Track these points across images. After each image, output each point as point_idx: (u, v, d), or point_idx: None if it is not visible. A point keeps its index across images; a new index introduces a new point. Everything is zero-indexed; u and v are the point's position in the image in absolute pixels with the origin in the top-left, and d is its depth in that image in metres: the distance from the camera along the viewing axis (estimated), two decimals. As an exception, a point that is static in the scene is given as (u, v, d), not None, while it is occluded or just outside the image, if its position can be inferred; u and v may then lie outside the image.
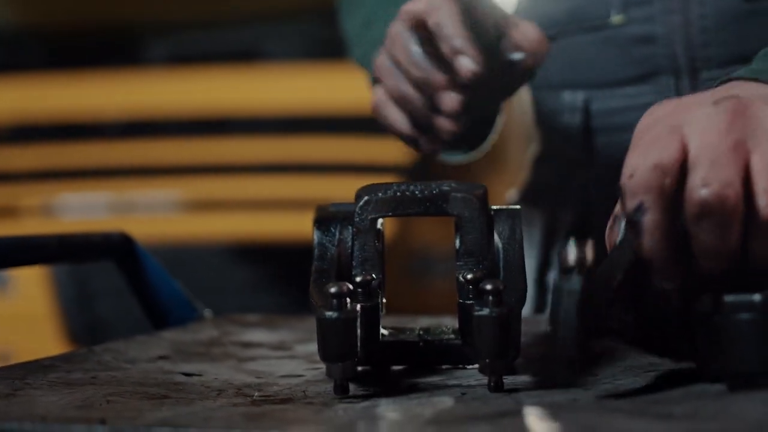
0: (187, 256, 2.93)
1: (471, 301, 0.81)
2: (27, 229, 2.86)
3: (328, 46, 3.12)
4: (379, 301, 0.84)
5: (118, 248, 1.11)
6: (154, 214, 3.05)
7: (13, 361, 0.90)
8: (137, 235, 1.14)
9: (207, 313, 1.14)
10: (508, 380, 0.79)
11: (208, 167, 3.04)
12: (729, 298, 0.70)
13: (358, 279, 0.82)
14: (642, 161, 0.73)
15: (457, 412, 0.70)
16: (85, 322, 3.04)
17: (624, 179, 0.74)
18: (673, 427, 0.61)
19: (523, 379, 0.81)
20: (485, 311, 0.75)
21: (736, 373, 0.70)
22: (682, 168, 0.72)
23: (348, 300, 0.75)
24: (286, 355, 0.96)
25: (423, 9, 0.96)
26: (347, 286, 0.75)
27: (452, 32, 0.93)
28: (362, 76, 1.32)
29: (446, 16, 0.94)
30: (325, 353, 0.76)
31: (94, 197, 3.10)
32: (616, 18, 1.09)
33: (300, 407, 0.74)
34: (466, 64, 0.91)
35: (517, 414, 0.68)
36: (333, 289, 0.75)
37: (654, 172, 0.72)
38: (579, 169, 1.17)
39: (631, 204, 0.73)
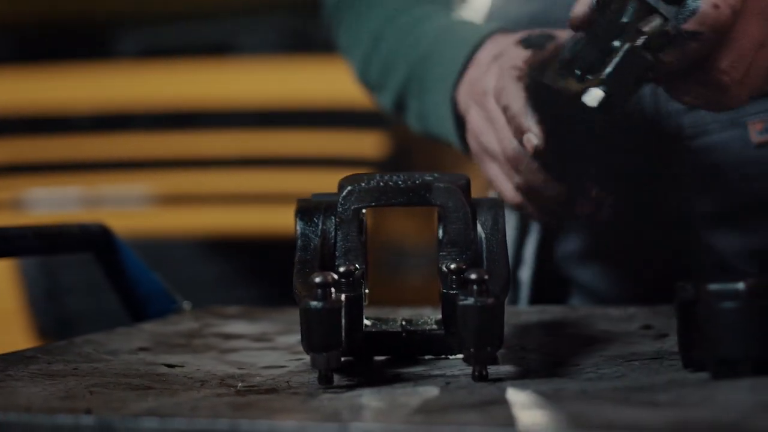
0: (159, 250, 2.92)
1: (454, 291, 0.81)
2: (-3, 223, 2.83)
3: (301, 39, 3.12)
4: (363, 291, 0.84)
5: (96, 240, 1.11)
6: (127, 208, 3.04)
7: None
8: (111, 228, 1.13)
9: (186, 305, 1.14)
10: (491, 370, 0.79)
11: (180, 161, 3.03)
12: (713, 286, 0.71)
13: (341, 269, 0.82)
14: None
15: (443, 401, 0.70)
16: (54, 317, 3.02)
17: (707, 6, 0.82)
18: (660, 414, 0.61)
19: (507, 369, 0.81)
20: (470, 301, 0.75)
21: (719, 360, 0.71)
22: None
23: (332, 290, 0.75)
24: (267, 346, 0.96)
25: (492, 92, 1.01)
26: (332, 276, 0.75)
27: (516, 112, 0.97)
28: (335, 69, 1.31)
29: (512, 96, 0.98)
30: (309, 343, 0.76)
31: (65, 191, 3.09)
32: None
33: (285, 397, 0.74)
34: (530, 139, 0.96)
35: (504, 403, 0.68)
36: (318, 279, 0.75)
37: (733, 16, 0.83)
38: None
39: (691, 27, 0.83)
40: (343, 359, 0.85)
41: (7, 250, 1.03)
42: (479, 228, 0.85)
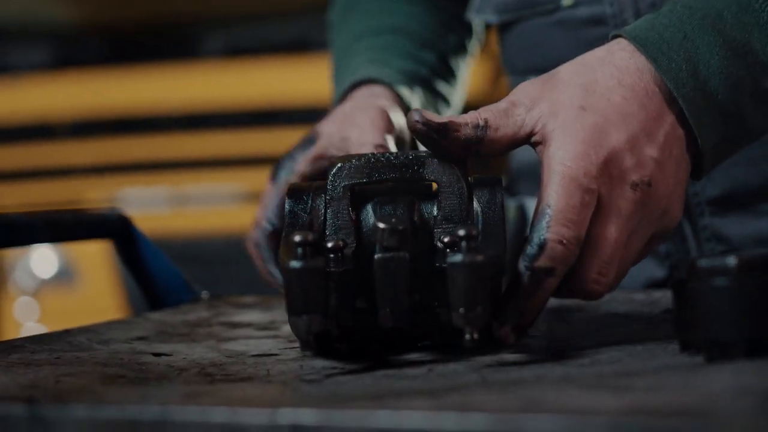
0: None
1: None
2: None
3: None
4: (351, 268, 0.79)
5: (114, 228, 1.08)
6: (213, 205, 3.04)
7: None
8: (196, 226, 1.10)
9: (204, 294, 1.11)
10: (489, 358, 0.74)
11: (266, 158, 3.02)
12: (702, 262, 0.65)
13: (329, 244, 0.77)
14: None
15: (408, 387, 0.65)
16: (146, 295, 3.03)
17: (553, 243, 0.77)
18: (623, 399, 0.56)
19: (500, 356, 0.76)
20: (458, 258, 0.70)
21: (711, 342, 0.65)
22: None
23: (314, 250, 0.71)
24: (269, 335, 0.92)
25: None
26: (312, 236, 0.71)
27: None
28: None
29: None
30: (289, 306, 0.71)
31: (155, 191, 3.10)
32: (566, 0, 1.05)
33: (254, 386, 0.70)
34: None
35: (466, 389, 0.63)
36: (297, 238, 0.70)
37: (578, 250, 0.78)
38: None
39: (544, 264, 0.76)
40: (337, 346, 0.81)
41: (16, 238, 1.01)
42: (476, 204, 0.80)
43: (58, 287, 3.10)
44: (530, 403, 0.56)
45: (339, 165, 0.82)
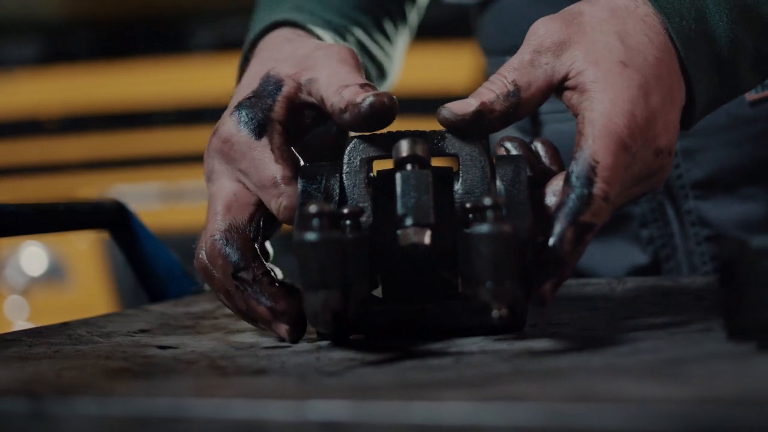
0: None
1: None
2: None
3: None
4: (368, 235, 0.74)
5: (111, 218, 1.03)
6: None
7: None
8: (190, 221, 1.06)
9: (207, 286, 1.05)
10: (517, 347, 0.69)
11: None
12: (756, 241, 0.60)
13: (345, 210, 0.71)
14: None
15: (433, 378, 0.60)
16: (134, 288, 2.99)
17: (599, 199, 0.73)
18: (678, 389, 0.51)
19: (530, 344, 0.71)
20: (485, 228, 0.65)
21: (765, 327, 0.60)
22: None
23: (330, 222, 0.66)
24: (280, 326, 0.87)
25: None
26: (328, 207, 0.66)
27: None
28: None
29: None
30: (304, 281, 0.65)
31: (148, 186, 3.05)
32: None
33: (270, 379, 0.65)
34: None
35: (501, 379, 0.58)
36: (313, 209, 0.65)
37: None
38: (530, 135, 1.07)
39: (588, 219, 0.72)
40: (353, 337, 0.77)
41: (6, 229, 0.95)
42: (498, 182, 0.75)
43: (48, 285, 3.04)
44: (579, 393, 0.51)
45: (356, 140, 0.78)
